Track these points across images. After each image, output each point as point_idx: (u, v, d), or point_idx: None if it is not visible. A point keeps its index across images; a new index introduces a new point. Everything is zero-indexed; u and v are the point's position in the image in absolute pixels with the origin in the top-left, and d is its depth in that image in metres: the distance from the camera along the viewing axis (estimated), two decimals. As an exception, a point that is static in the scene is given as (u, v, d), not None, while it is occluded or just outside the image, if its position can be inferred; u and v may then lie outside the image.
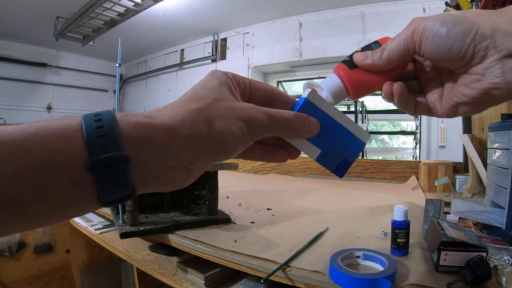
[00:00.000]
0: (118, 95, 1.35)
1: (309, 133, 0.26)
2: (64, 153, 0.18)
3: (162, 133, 0.20)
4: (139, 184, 0.21)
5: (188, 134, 0.21)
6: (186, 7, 3.50)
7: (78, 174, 0.19)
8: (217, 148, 0.22)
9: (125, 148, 0.19)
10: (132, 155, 0.19)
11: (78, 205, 0.20)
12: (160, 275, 0.74)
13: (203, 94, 0.23)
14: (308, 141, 0.27)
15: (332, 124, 0.28)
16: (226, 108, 0.22)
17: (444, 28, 0.23)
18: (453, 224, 0.60)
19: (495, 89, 0.23)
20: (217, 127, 0.22)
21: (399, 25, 3.31)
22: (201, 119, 0.21)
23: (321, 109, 0.27)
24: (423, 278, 0.49)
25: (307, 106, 0.27)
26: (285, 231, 0.75)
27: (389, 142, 4.05)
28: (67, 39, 3.97)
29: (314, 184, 1.48)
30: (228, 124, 0.22)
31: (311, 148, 0.28)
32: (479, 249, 0.50)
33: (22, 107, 4.67)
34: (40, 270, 1.38)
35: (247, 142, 0.23)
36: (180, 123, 0.21)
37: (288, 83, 4.32)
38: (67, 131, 0.19)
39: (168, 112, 0.21)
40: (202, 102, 0.22)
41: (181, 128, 0.21)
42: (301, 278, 0.52)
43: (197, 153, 0.22)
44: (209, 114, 0.22)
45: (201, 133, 0.21)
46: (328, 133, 0.28)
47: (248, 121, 0.23)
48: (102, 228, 0.99)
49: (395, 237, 0.59)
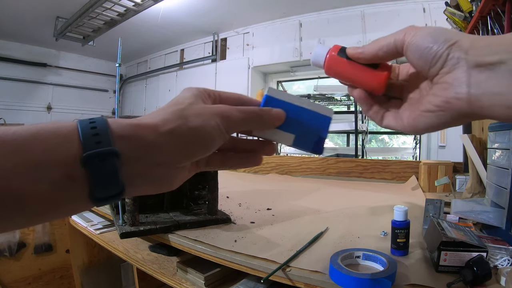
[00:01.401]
0: (118, 95, 1.35)
1: (277, 120, 0.29)
2: (62, 151, 0.20)
3: (148, 130, 0.23)
4: (128, 182, 0.22)
5: (170, 130, 0.23)
6: (186, 7, 3.50)
7: (74, 169, 0.20)
8: (197, 141, 0.25)
9: (116, 145, 0.21)
10: (122, 151, 0.21)
11: (73, 201, 0.21)
12: (160, 275, 0.74)
13: (181, 101, 0.26)
14: (279, 130, 0.30)
15: (296, 110, 0.30)
16: (202, 108, 0.26)
17: (431, 35, 0.24)
18: (453, 224, 0.60)
19: (457, 100, 0.23)
20: (195, 122, 0.24)
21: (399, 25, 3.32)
22: (181, 116, 0.24)
23: (282, 100, 0.30)
24: (423, 278, 0.49)
25: (270, 100, 0.30)
26: (285, 231, 0.75)
27: (389, 142, 4.05)
28: (67, 39, 3.97)
29: (314, 184, 1.48)
30: (205, 119, 0.25)
31: (285, 135, 0.30)
32: (479, 249, 0.50)
33: (22, 107, 4.67)
34: (40, 270, 1.38)
35: (223, 135, 0.26)
36: (162, 121, 0.24)
37: (288, 83, 4.32)
38: (65, 132, 0.21)
39: (152, 115, 0.25)
40: (181, 105, 0.25)
41: (164, 125, 0.23)
42: (301, 278, 0.52)
43: (180, 148, 0.24)
44: (187, 112, 0.25)
45: (182, 128, 0.24)
46: (295, 118, 0.30)
47: (223, 116, 0.26)
48: (102, 228, 0.99)
49: (395, 237, 0.59)
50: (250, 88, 3.95)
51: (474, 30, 1.05)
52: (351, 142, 3.73)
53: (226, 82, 4.18)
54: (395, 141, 4.02)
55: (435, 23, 2.85)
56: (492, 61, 0.21)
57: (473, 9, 1.08)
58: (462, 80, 0.22)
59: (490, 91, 0.21)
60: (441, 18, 1.56)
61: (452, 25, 1.28)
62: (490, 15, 0.92)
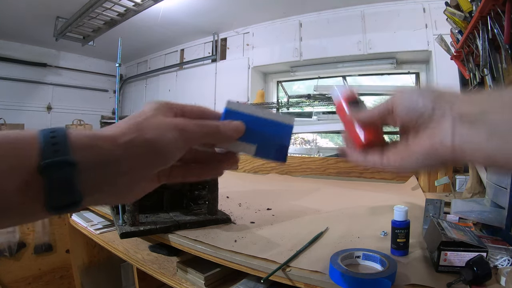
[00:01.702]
0: (118, 95, 1.35)
1: (236, 132, 0.30)
2: (22, 158, 0.21)
3: (106, 141, 0.23)
4: (86, 191, 0.22)
5: (127, 141, 0.24)
6: (186, 7, 3.50)
7: (32, 177, 0.20)
8: (154, 153, 0.25)
9: (74, 155, 0.22)
10: (80, 161, 0.22)
11: (28, 208, 0.21)
12: (160, 275, 0.74)
13: (140, 115, 0.27)
14: (241, 142, 0.30)
15: (257, 120, 0.31)
16: (160, 121, 0.26)
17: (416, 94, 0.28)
18: (453, 224, 0.61)
19: (443, 147, 0.25)
20: (152, 135, 0.25)
21: (399, 25, 3.32)
22: (138, 129, 0.25)
23: (242, 112, 0.31)
24: (423, 278, 0.49)
25: (229, 113, 0.31)
26: (285, 231, 0.75)
27: (389, 142, 4.04)
28: (67, 39, 3.97)
29: (314, 184, 1.48)
30: (161, 132, 0.25)
31: (246, 146, 0.31)
32: (479, 249, 0.50)
33: (22, 107, 4.67)
34: (40, 270, 1.38)
35: (180, 148, 0.26)
36: (120, 133, 0.24)
37: (288, 83, 4.32)
38: (26, 140, 0.22)
39: (111, 127, 0.25)
40: (139, 118, 0.26)
41: (121, 137, 0.24)
42: (301, 278, 0.52)
43: (137, 159, 0.24)
44: (145, 125, 0.25)
45: (138, 140, 0.24)
46: (256, 129, 0.31)
47: (180, 130, 0.26)
48: (102, 228, 0.99)
49: (395, 237, 0.59)
50: (250, 88, 3.95)
51: (474, 30, 1.05)
52: (351, 142, 3.73)
53: (226, 82, 4.18)
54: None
55: (435, 23, 2.85)
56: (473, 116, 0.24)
57: (473, 9, 1.08)
58: (447, 131, 0.25)
59: (471, 142, 0.24)
60: (441, 18, 1.56)
61: (452, 25, 1.28)
62: (490, 15, 0.92)
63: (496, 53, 0.97)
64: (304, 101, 3.22)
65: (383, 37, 3.12)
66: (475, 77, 1.17)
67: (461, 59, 1.27)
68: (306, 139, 4.24)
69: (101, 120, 0.81)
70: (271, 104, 3.56)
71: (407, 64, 3.35)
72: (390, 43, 3.08)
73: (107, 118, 0.83)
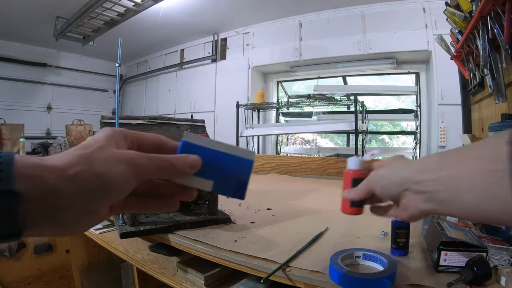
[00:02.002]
0: (118, 95, 1.34)
1: (191, 168, 0.28)
2: None
3: (51, 172, 0.22)
4: (28, 223, 0.22)
5: (73, 174, 0.23)
6: (186, 7, 3.50)
7: None
8: (101, 187, 0.24)
9: (18, 184, 0.21)
10: (24, 191, 0.21)
11: None
12: (160, 275, 0.74)
13: (90, 144, 0.26)
14: (197, 177, 0.29)
15: (215, 155, 0.30)
16: (109, 153, 0.25)
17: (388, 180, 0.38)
18: (453, 224, 0.61)
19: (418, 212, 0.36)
20: (100, 168, 0.24)
21: (399, 25, 3.31)
22: (85, 161, 0.24)
23: (200, 146, 0.29)
24: (423, 278, 0.49)
25: (186, 146, 0.29)
26: (285, 231, 0.75)
27: (389, 142, 4.05)
28: (67, 39, 3.97)
29: (314, 184, 1.48)
30: (110, 166, 0.24)
31: (203, 182, 0.29)
32: (479, 249, 0.50)
33: (22, 107, 4.67)
34: (40, 270, 1.38)
35: (130, 183, 0.25)
36: (67, 164, 0.23)
37: (288, 83, 4.32)
38: None
39: (58, 157, 0.24)
40: (88, 149, 0.25)
41: (67, 169, 0.23)
42: (301, 278, 0.52)
43: (83, 193, 0.23)
44: (93, 157, 0.24)
45: (85, 173, 0.23)
46: (214, 164, 0.29)
47: (131, 164, 0.25)
48: (102, 228, 0.99)
49: (395, 237, 0.59)
50: (250, 88, 3.95)
51: (474, 30, 1.05)
52: (351, 142, 3.73)
53: (226, 82, 4.18)
54: (395, 141, 4.01)
55: (435, 23, 2.86)
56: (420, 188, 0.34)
57: (473, 9, 1.08)
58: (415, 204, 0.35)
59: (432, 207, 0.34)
60: (441, 18, 1.56)
61: (452, 25, 1.28)
62: (490, 15, 0.92)
63: (496, 53, 0.97)
64: (304, 101, 3.21)
65: (383, 37, 3.12)
66: (475, 77, 1.17)
67: (461, 59, 1.27)
68: (306, 139, 4.24)
69: (101, 120, 0.81)
70: (271, 104, 3.56)
71: (407, 64, 3.35)
72: (390, 43, 3.08)
73: (107, 118, 0.83)
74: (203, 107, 4.39)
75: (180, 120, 0.97)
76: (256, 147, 3.89)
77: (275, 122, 4.14)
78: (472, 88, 1.19)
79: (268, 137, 4.07)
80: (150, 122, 0.91)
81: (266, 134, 3.84)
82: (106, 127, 0.28)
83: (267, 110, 4.00)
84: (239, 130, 3.56)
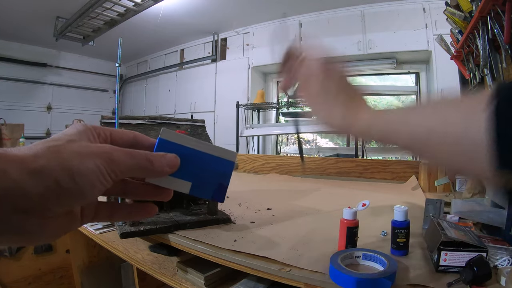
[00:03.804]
0: (118, 95, 1.34)
1: (169, 167, 0.26)
2: None
3: (13, 165, 0.19)
4: None
5: (39, 167, 0.19)
6: (186, 7, 3.50)
7: None
8: (71, 185, 0.20)
9: None
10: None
11: None
12: (160, 275, 0.74)
13: (60, 137, 0.23)
14: (174, 178, 0.27)
15: (195, 155, 0.28)
16: (81, 146, 0.22)
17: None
18: (453, 224, 0.61)
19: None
20: (71, 162, 0.21)
21: (399, 25, 3.32)
22: (55, 154, 0.20)
23: (179, 144, 0.27)
24: (423, 278, 0.49)
25: (163, 144, 0.27)
26: (285, 231, 0.75)
27: (389, 142, 4.04)
28: (67, 39, 3.97)
29: (314, 184, 1.48)
30: (82, 160, 0.21)
31: (180, 183, 0.27)
32: (479, 249, 0.50)
33: (22, 107, 4.68)
34: (40, 270, 1.38)
35: (105, 181, 0.22)
36: (33, 156, 0.20)
37: (288, 83, 4.32)
38: None
39: (24, 148, 0.21)
40: (58, 142, 0.22)
41: (33, 161, 0.19)
42: (301, 278, 0.52)
43: (49, 191, 0.20)
44: (63, 149, 0.21)
45: (54, 168, 0.20)
46: (193, 164, 0.28)
47: (106, 158, 0.22)
48: (102, 228, 0.99)
49: (395, 237, 0.59)
50: (250, 88, 3.95)
51: (474, 30, 1.05)
52: (351, 142, 3.73)
53: (226, 82, 4.18)
54: (395, 141, 4.01)
55: (435, 23, 2.86)
56: None
57: (473, 9, 1.08)
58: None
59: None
60: (441, 18, 1.56)
61: (452, 25, 1.28)
62: (490, 15, 0.92)
63: (496, 53, 0.97)
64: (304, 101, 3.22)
65: (383, 37, 3.12)
66: (475, 77, 1.17)
67: (461, 59, 1.27)
68: (306, 139, 4.24)
69: (101, 120, 0.81)
70: (271, 104, 3.56)
71: (407, 64, 3.35)
72: (390, 43, 3.08)
73: (107, 118, 0.83)
74: (203, 107, 4.39)
75: (180, 120, 0.97)
76: (256, 147, 3.89)
77: (275, 122, 4.14)
78: (472, 88, 1.19)
79: (268, 137, 4.07)
80: (150, 122, 0.91)
81: (266, 134, 3.84)
82: (79, 123, 0.25)
83: (267, 110, 4.01)
84: (239, 130, 3.56)
